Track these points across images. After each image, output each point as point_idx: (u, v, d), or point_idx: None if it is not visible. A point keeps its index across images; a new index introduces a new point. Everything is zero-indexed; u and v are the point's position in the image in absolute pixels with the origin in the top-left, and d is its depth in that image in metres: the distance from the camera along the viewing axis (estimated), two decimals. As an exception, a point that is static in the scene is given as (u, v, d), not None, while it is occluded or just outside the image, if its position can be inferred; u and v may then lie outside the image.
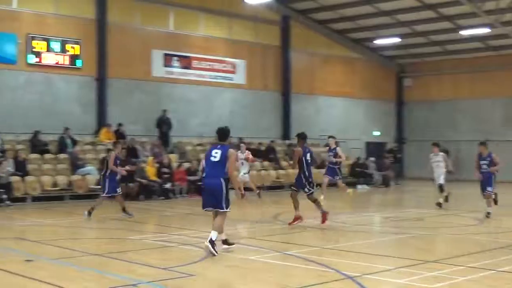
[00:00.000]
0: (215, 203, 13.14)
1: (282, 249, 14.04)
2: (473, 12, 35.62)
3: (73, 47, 31.89)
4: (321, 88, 43.16)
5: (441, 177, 23.90)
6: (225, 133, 13.56)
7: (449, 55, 45.49)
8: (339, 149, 25.28)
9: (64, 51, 31.64)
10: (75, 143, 29.97)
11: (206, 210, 13.48)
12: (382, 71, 47.68)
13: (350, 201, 26.54)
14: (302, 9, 41.11)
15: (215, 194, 13.07)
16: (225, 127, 13.66)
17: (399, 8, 38.41)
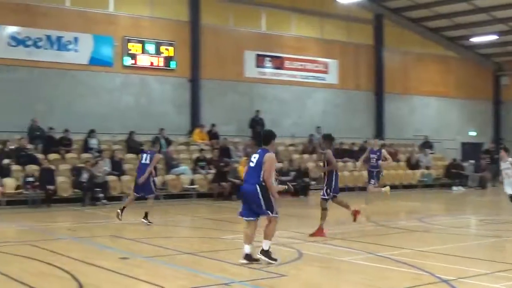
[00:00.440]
0: (255, 210, 12.02)
1: (374, 250, 13.73)
2: None
3: (167, 49, 32.35)
4: (415, 88, 42.34)
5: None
6: (268, 136, 12.57)
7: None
8: (384, 151, 23.03)
9: (159, 53, 32.13)
10: (169, 143, 30.35)
11: (244, 219, 12.24)
12: (477, 69, 46.43)
13: (444, 202, 25.93)
14: (396, 7, 40.44)
15: (251, 201, 11.99)
16: (269, 130, 12.81)
17: (496, 5, 37.28)
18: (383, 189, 22.48)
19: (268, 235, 12.02)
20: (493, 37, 41.39)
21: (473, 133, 45.67)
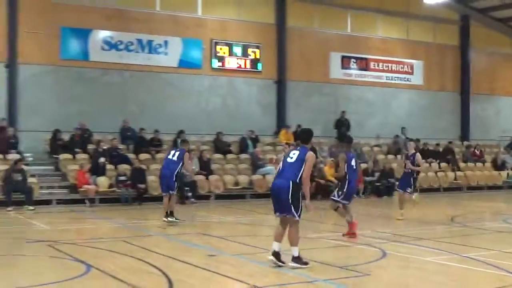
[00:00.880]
0: (281, 207, 11.51)
1: (458, 251, 13.52)
2: None
3: (254, 51, 32.62)
4: (501, 88, 41.41)
5: None
6: (307, 135, 12.19)
7: None
8: (418, 155, 20.05)
9: (246, 55, 32.42)
10: (256, 143, 30.55)
11: (277, 215, 11.78)
12: None
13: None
14: (482, 7, 39.63)
15: (280, 197, 11.47)
16: (308, 129, 12.36)
17: None
18: (413, 196, 20.63)
19: (294, 240, 11.54)
20: None
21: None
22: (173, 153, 19.03)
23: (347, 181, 15.80)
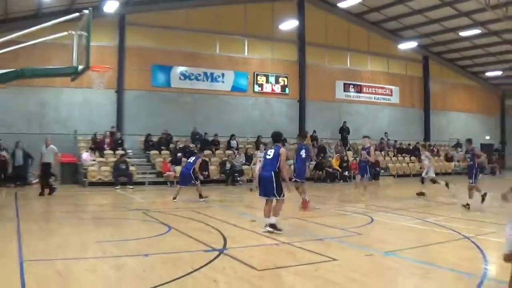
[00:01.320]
0: (267, 192, 11.00)
1: (423, 217, 13.31)
2: None
3: (283, 80, 32.49)
4: (451, 106, 40.77)
5: None
6: (278, 136, 11.37)
7: None
8: (372, 148, 18.34)
9: (277, 82, 32.31)
10: (284, 144, 30.27)
11: (260, 197, 11.31)
12: (488, 93, 44.16)
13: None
14: (438, 51, 38.94)
15: (266, 184, 10.98)
16: (278, 131, 11.40)
17: (503, 51, 35.44)
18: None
19: (276, 213, 11.06)
20: (499, 73, 39.63)
21: (487, 137, 43.45)
22: (192, 158, 18.25)
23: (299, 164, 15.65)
